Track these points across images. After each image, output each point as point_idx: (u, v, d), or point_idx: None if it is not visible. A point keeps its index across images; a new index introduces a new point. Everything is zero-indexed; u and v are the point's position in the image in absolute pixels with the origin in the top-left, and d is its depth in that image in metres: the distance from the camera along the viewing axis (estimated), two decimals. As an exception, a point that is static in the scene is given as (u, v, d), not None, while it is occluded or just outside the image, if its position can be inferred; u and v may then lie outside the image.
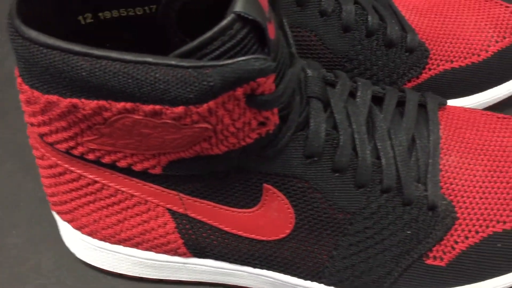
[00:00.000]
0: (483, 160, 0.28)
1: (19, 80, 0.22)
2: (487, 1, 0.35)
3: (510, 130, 0.29)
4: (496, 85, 0.34)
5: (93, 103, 0.20)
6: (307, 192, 0.25)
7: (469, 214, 0.27)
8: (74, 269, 0.31)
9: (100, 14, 0.24)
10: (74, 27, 0.24)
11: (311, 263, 0.27)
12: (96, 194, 0.26)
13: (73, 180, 0.26)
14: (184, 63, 0.18)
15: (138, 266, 0.29)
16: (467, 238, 0.27)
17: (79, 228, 0.28)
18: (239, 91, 0.19)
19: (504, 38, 0.33)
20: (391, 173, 0.26)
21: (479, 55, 0.33)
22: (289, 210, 0.26)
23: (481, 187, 0.27)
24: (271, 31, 0.20)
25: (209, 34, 0.19)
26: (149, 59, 0.19)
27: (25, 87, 0.22)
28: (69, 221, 0.29)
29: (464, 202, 0.27)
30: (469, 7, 0.35)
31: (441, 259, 0.27)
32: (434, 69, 0.32)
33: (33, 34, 0.20)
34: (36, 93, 0.22)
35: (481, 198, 0.27)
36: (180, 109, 0.19)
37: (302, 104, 0.24)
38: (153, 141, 0.22)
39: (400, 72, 0.32)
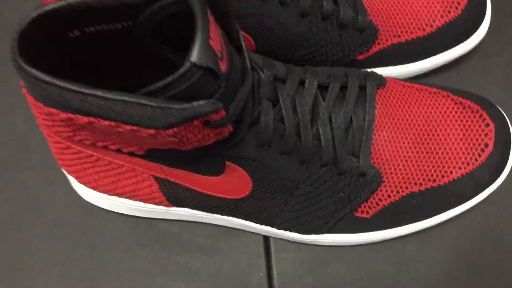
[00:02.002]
0: (409, 134, 0.34)
1: (24, 90, 0.28)
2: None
3: (437, 106, 0.35)
4: (438, 54, 0.38)
5: (84, 119, 0.26)
6: (261, 167, 0.32)
7: (392, 178, 0.34)
8: (82, 206, 0.39)
9: (85, 29, 0.28)
10: (65, 40, 0.28)
11: (266, 215, 0.35)
12: (94, 164, 0.33)
13: (74, 153, 0.33)
14: (153, 103, 0.24)
15: (131, 210, 0.37)
16: (389, 196, 0.34)
17: (83, 183, 0.36)
18: (196, 122, 0.25)
19: (449, 12, 0.37)
20: (329, 151, 0.32)
21: (424, 30, 0.37)
22: (247, 178, 0.33)
23: (404, 156, 0.34)
24: (223, 66, 0.25)
25: (170, 78, 0.24)
26: (126, 97, 0.24)
27: (30, 97, 0.28)
28: (75, 178, 0.36)
29: (389, 169, 0.34)
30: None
31: (367, 212, 0.34)
32: (383, 43, 0.37)
33: (33, 72, 0.25)
34: (39, 104, 0.27)
35: (403, 165, 0.34)
36: (151, 131, 0.25)
37: (255, 105, 0.29)
38: (135, 141, 0.28)
39: (352, 48, 0.36)
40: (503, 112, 0.36)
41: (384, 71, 0.39)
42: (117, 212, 0.39)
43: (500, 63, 0.42)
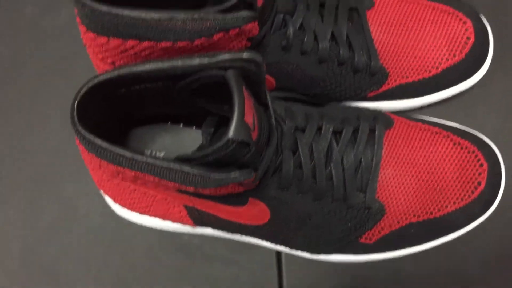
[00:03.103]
0: (411, 171, 0.38)
1: (79, 145, 0.32)
2: (449, 13, 0.41)
3: (437, 146, 0.39)
4: (441, 90, 0.42)
5: (131, 173, 0.30)
6: (279, 203, 0.36)
7: (394, 210, 0.38)
8: (114, 216, 0.44)
9: (131, 87, 0.32)
10: (114, 96, 0.32)
11: (280, 238, 0.39)
12: (130, 192, 0.37)
13: (112, 175, 0.37)
14: (195, 171, 0.28)
15: (160, 225, 0.42)
16: (390, 226, 0.39)
17: (118, 204, 0.40)
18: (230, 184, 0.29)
19: (455, 56, 0.40)
20: (340, 189, 0.36)
21: (430, 71, 0.40)
22: (266, 210, 0.37)
23: (406, 191, 0.38)
24: (254, 135, 0.29)
25: (210, 150, 0.28)
26: (171, 165, 0.28)
27: (85, 153, 0.31)
28: (111, 198, 0.40)
29: (392, 203, 0.38)
30: (431, 20, 0.40)
31: (370, 239, 0.39)
32: (392, 83, 0.40)
33: (91, 137, 0.28)
34: (93, 155, 0.31)
35: (404, 199, 0.38)
36: (191, 188, 0.29)
37: (277, 156, 0.33)
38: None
39: (363, 88, 0.40)
40: (496, 152, 0.40)
41: (391, 104, 0.42)
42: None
43: (500, 92, 0.46)
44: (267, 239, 0.40)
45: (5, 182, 0.45)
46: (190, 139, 0.41)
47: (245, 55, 0.28)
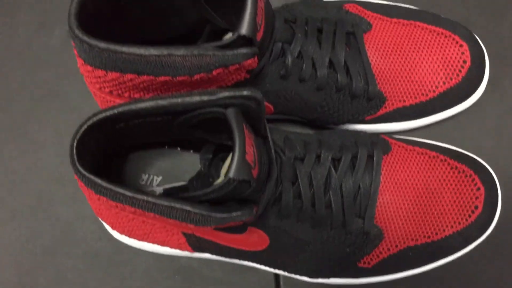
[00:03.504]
0: (409, 196, 0.38)
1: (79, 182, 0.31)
2: (446, 36, 0.41)
3: (435, 170, 0.39)
4: (437, 113, 0.42)
5: (131, 209, 0.30)
6: (278, 231, 0.36)
7: (392, 235, 0.38)
8: (112, 240, 0.43)
9: (129, 122, 0.32)
10: (112, 130, 0.32)
11: (279, 262, 0.39)
12: (129, 221, 0.37)
13: (111, 210, 0.36)
14: (196, 210, 0.28)
15: (158, 250, 0.42)
16: (389, 250, 0.39)
17: (117, 231, 0.40)
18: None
19: (451, 79, 0.41)
20: (339, 215, 0.36)
21: (427, 95, 0.41)
22: (265, 237, 0.37)
23: (404, 216, 0.38)
24: (255, 172, 0.29)
25: (210, 189, 0.28)
26: (172, 203, 0.28)
27: (84, 188, 0.31)
28: (109, 226, 0.40)
29: (390, 227, 0.38)
30: (428, 43, 0.41)
31: (369, 263, 0.39)
32: (389, 107, 0.40)
33: (91, 177, 0.28)
34: (91, 191, 0.31)
35: (403, 224, 0.38)
36: (191, 225, 0.29)
37: (277, 187, 0.33)
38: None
39: (361, 113, 0.40)
40: (493, 174, 0.40)
41: (388, 126, 0.42)
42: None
43: (495, 113, 0.46)
44: (266, 264, 0.40)
45: (1, 208, 0.44)
46: (187, 163, 0.41)
47: (246, 93, 0.28)
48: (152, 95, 0.34)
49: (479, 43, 0.42)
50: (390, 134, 0.42)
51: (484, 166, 0.40)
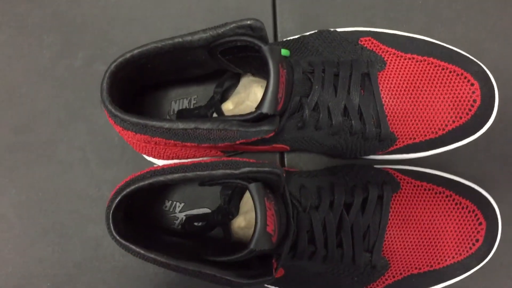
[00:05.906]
0: (415, 230, 0.41)
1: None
2: (458, 75, 0.42)
3: (440, 206, 0.42)
4: (446, 146, 0.44)
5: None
6: (292, 267, 0.39)
7: (397, 264, 0.42)
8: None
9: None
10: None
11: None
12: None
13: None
14: (221, 275, 0.31)
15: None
16: (393, 277, 0.42)
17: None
18: (253, 283, 0.32)
19: (461, 118, 0.42)
20: (349, 253, 0.39)
21: (436, 133, 0.42)
22: (281, 270, 0.40)
23: (409, 248, 0.41)
24: (275, 239, 0.32)
25: (234, 257, 0.31)
26: (201, 269, 0.31)
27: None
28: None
29: (396, 258, 0.41)
30: (440, 81, 0.42)
31: (374, 289, 0.43)
32: (399, 144, 0.42)
33: (125, 244, 0.31)
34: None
35: (408, 255, 0.41)
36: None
37: (294, 234, 0.36)
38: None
39: (372, 151, 0.42)
40: (495, 208, 0.42)
41: (397, 157, 0.44)
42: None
43: (501, 143, 0.48)
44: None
45: (35, 227, 0.48)
46: (208, 191, 0.44)
47: (267, 168, 0.30)
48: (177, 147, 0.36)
49: (491, 81, 0.43)
50: (400, 161, 0.44)
51: (488, 200, 0.43)
